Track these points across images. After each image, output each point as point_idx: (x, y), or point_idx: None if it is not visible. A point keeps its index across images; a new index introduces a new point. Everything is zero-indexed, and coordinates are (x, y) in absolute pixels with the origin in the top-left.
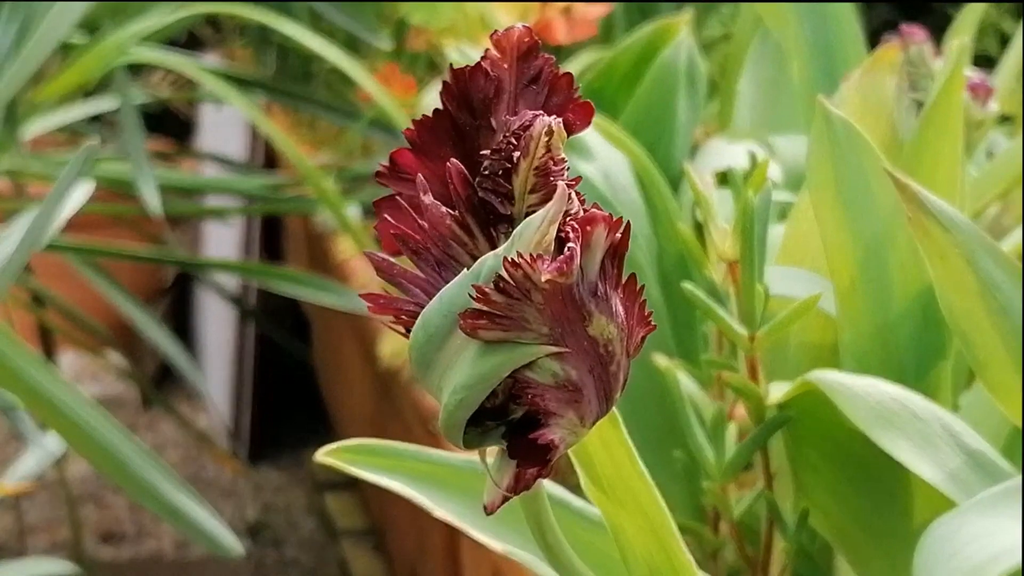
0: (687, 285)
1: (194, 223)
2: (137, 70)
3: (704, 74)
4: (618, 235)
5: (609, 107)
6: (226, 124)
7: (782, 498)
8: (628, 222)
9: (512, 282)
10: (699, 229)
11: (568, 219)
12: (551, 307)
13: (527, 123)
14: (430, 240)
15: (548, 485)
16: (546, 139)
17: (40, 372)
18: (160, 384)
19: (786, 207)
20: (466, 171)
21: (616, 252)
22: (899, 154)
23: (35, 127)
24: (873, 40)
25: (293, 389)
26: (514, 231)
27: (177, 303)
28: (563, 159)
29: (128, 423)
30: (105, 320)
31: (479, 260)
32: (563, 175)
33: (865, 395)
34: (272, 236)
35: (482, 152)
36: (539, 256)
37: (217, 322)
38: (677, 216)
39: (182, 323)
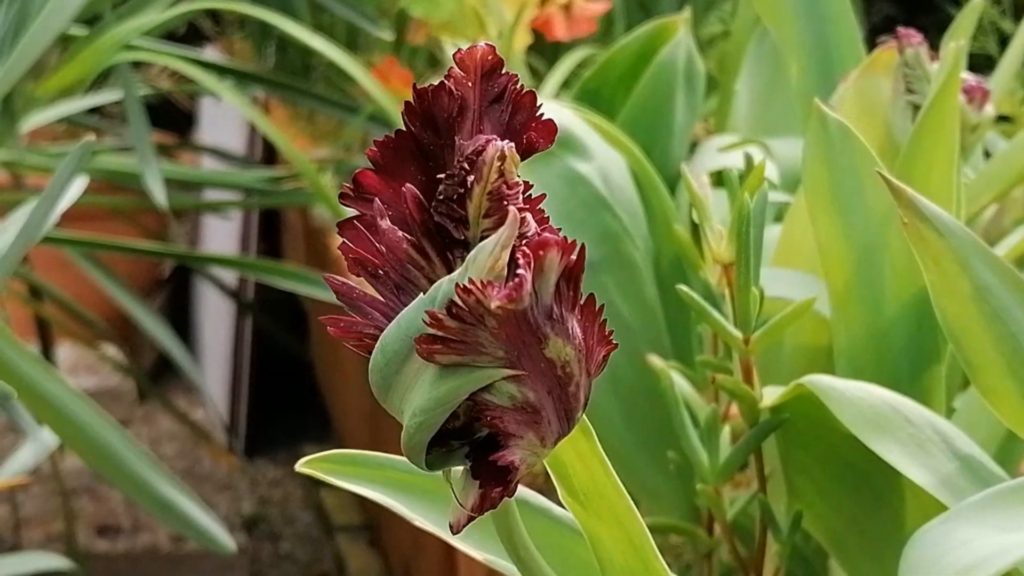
0: (682, 288)
1: (193, 217)
2: (136, 62)
3: (702, 73)
4: (572, 257)
5: (607, 106)
6: (226, 117)
7: (775, 500)
8: (583, 244)
9: (465, 308)
10: (696, 230)
11: (523, 243)
12: (505, 331)
13: (480, 148)
14: (388, 264)
15: (528, 494)
16: (499, 164)
17: (33, 366)
18: (157, 377)
19: (783, 208)
20: (421, 196)
21: (571, 274)
22: (895, 157)
23: (34, 120)
24: (874, 37)
25: (290, 383)
26: (468, 256)
27: (175, 296)
28: (517, 183)
29: (124, 416)
30: (102, 313)
31: (435, 285)
32: (517, 199)
33: (858, 399)
34: (271, 230)
35: (438, 176)
36: (490, 282)
37: (215, 316)
38: (674, 216)
39: (179, 316)
